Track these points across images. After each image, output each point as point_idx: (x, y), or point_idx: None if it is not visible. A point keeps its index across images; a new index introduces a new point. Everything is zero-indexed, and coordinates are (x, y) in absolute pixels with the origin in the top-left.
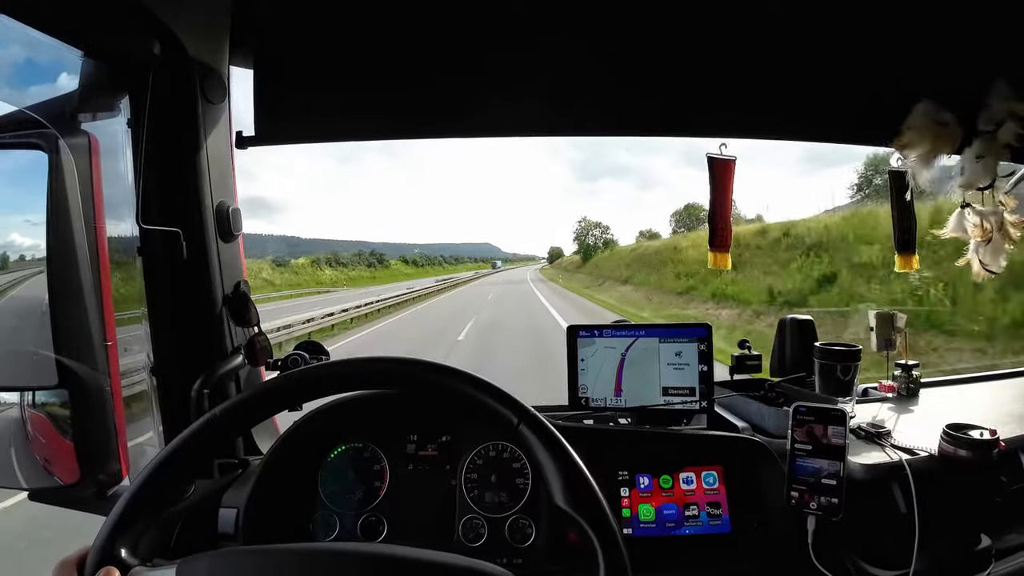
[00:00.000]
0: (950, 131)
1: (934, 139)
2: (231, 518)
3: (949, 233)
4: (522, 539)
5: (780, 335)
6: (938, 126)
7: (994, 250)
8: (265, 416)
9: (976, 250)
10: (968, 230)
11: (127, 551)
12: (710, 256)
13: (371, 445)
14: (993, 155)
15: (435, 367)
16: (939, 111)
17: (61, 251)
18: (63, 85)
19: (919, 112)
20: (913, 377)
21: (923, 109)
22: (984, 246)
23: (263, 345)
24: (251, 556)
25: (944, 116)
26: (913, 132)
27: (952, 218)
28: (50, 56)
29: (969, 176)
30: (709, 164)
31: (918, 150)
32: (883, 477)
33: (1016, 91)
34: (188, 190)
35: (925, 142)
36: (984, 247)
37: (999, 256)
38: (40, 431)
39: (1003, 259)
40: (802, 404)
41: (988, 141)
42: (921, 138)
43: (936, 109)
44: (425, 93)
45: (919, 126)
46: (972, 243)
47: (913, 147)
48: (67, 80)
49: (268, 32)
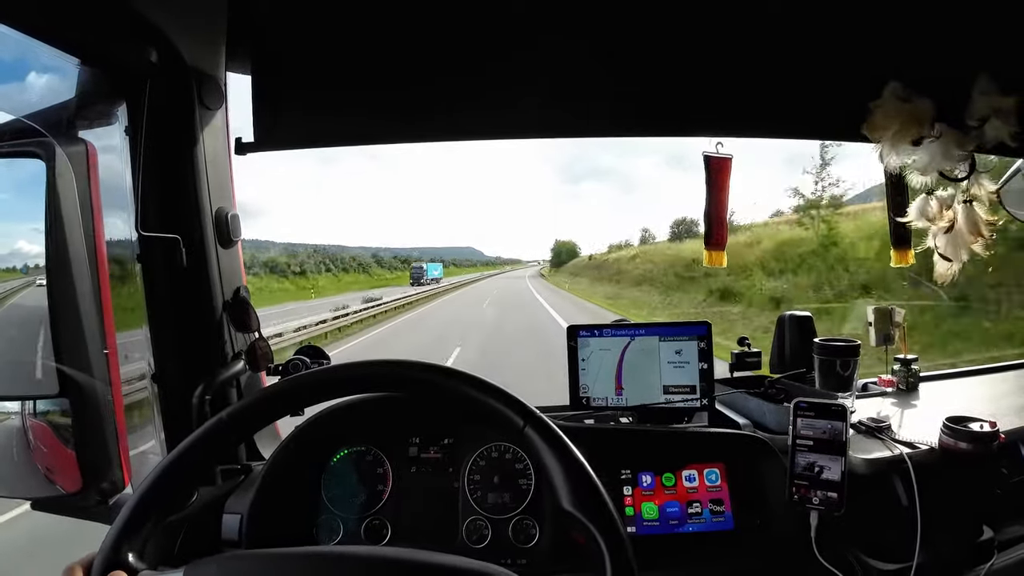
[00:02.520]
0: (920, 112)
1: (902, 120)
2: (235, 524)
3: (911, 219)
4: (526, 539)
5: (779, 331)
6: (907, 106)
7: (955, 240)
8: (271, 420)
9: (935, 237)
10: (929, 216)
11: (134, 556)
12: (705, 255)
13: (373, 448)
14: (961, 141)
15: (440, 369)
16: (908, 92)
17: (60, 260)
18: (60, 93)
19: (888, 92)
20: (912, 371)
21: (892, 89)
22: (943, 234)
23: (264, 350)
24: (258, 560)
25: (914, 98)
26: (881, 112)
27: (914, 204)
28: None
29: (934, 158)
30: (705, 163)
31: (886, 131)
32: (884, 471)
33: (999, 86)
34: (187, 197)
35: (894, 123)
36: (943, 235)
37: (961, 247)
38: (42, 440)
39: (964, 252)
40: (803, 400)
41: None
42: (889, 119)
43: (905, 90)
44: (425, 96)
45: (887, 106)
46: (932, 230)
47: (881, 128)
48: (64, 88)
49: (265, 37)
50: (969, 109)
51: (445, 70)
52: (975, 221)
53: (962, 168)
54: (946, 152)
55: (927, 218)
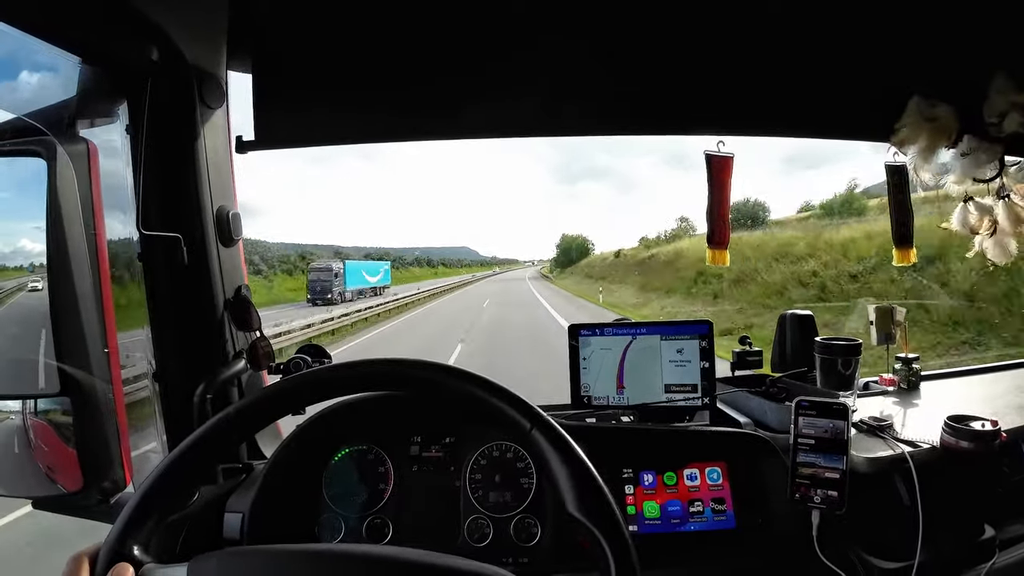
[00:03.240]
0: (944, 124)
1: (929, 134)
2: (236, 523)
3: (954, 227)
4: (528, 538)
5: (780, 330)
6: (931, 121)
7: (998, 243)
8: (273, 419)
9: (982, 244)
10: (971, 224)
11: (139, 548)
12: (708, 253)
13: (375, 447)
14: (989, 149)
15: (447, 369)
16: (932, 105)
17: (61, 258)
18: (61, 92)
19: (912, 109)
20: (913, 370)
21: (915, 105)
22: (988, 239)
23: (265, 349)
24: (261, 555)
25: (937, 110)
26: (908, 129)
27: (956, 213)
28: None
29: (965, 169)
30: (707, 162)
31: (915, 146)
32: (886, 470)
33: (1016, 83)
34: (188, 195)
35: (921, 138)
36: (989, 240)
37: (1005, 249)
38: (43, 439)
39: (1011, 251)
40: (804, 399)
41: (985, 134)
42: (916, 134)
43: (928, 104)
44: (426, 94)
45: (913, 123)
46: (977, 238)
47: (910, 143)
48: (65, 87)
49: (266, 36)
50: (987, 107)
51: (446, 69)
52: (1017, 214)
53: (992, 167)
54: (976, 162)
55: (970, 229)
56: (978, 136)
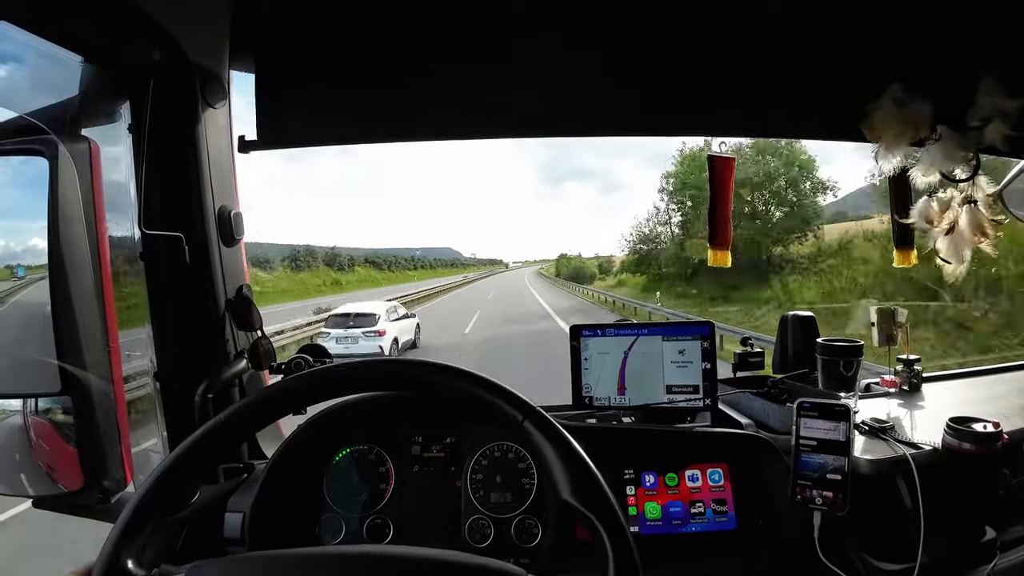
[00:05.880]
0: (918, 116)
1: (900, 123)
2: (237, 523)
3: (914, 220)
4: (528, 539)
5: (782, 332)
6: (903, 110)
7: (954, 242)
8: (274, 418)
9: (936, 240)
10: (930, 216)
11: (133, 562)
12: (710, 254)
13: (376, 447)
14: (962, 143)
15: (438, 367)
16: (908, 95)
17: (63, 257)
18: (63, 91)
19: (886, 95)
20: (915, 372)
21: (890, 92)
22: (943, 236)
23: (266, 349)
24: (259, 562)
25: (913, 102)
26: (878, 115)
27: (917, 205)
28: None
29: (935, 159)
30: (709, 163)
31: (885, 133)
32: (887, 471)
33: (1004, 87)
34: (190, 195)
35: (891, 126)
36: (943, 238)
37: (960, 250)
38: (43, 438)
39: (964, 256)
40: (806, 400)
41: (962, 132)
42: (886, 122)
43: (904, 92)
44: (427, 95)
45: (884, 109)
46: (932, 233)
47: (878, 130)
48: (67, 86)
49: (268, 35)
50: (972, 110)
51: (448, 70)
52: (980, 222)
53: (965, 170)
54: (948, 153)
55: (927, 220)
56: (953, 131)
